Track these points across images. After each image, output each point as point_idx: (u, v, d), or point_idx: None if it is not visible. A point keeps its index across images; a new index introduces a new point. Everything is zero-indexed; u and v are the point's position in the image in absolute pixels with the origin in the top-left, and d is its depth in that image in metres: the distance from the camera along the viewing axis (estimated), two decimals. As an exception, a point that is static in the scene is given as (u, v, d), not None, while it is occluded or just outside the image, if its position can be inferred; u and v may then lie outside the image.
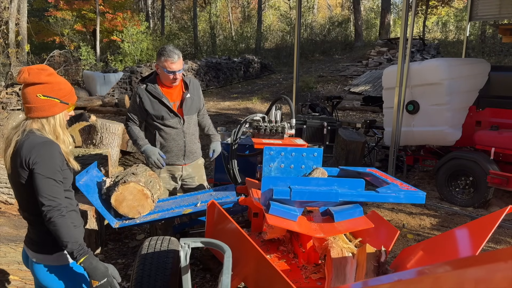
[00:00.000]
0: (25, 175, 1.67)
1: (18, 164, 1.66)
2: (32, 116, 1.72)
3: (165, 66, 2.84)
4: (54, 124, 1.75)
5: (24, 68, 1.74)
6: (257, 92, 14.28)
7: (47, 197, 1.64)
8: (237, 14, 30.52)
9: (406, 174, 5.94)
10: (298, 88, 6.90)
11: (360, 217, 2.17)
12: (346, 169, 2.87)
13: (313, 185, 2.13)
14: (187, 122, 3.04)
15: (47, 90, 1.72)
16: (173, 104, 2.99)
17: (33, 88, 1.71)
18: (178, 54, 2.88)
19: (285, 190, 2.00)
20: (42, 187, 1.64)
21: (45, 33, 20.17)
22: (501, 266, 0.77)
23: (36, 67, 1.75)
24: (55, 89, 1.74)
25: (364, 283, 1.57)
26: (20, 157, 1.65)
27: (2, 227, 2.84)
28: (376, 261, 1.88)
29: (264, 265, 1.67)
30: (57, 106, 1.74)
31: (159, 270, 2.14)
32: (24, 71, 1.72)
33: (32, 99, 1.70)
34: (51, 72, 1.76)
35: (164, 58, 2.84)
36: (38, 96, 1.70)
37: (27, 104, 1.72)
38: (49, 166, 1.66)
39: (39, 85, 1.71)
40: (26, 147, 1.66)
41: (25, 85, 1.73)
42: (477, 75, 5.10)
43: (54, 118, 1.75)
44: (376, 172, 2.71)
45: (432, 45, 15.47)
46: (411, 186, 2.29)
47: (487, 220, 1.78)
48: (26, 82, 1.72)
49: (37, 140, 1.68)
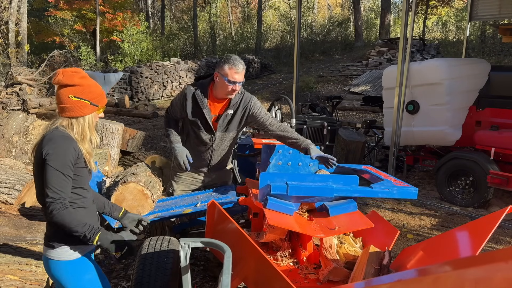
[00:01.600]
0: (41, 166, 1.74)
1: (38, 156, 1.75)
2: (63, 115, 1.82)
3: (227, 74, 2.63)
4: (83, 125, 1.84)
5: (59, 70, 1.85)
6: (257, 92, 14.28)
7: (52, 189, 1.70)
8: (237, 14, 30.51)
9: (406, 174, 5.94)
10: (298, 88, 6.89)
11: (355, 211, 2.22)
12: (342, 166, 2.91)
13: (309, 181, 2.20)
14: (218, 139, 2.85)
15: (78, 91, 1.82)
16: (213, 117, 2.81)
17: (66, 89, 1.81)
18: (243, 65, 2.69)
19: (282, 186, 2.08)
20: (49, 179, 1.70)
21: (45, 33, 20.18)
22: (501, 266, 0.77)
23: (70, 70, 1.84)
24: (85, 91, 1.83)
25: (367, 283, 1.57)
26: (40, 149, 1.74)
27: (2, 227, 2.84)
28: (378, 264, 1.88)
29: (264, 265, 1.67)
30: (87, 108, 1.84)
31: (159, 270, 2.14)
32: (59, 73, 1.82)
33: (65, 100, 1.80)
34: (83, 75, 1.86)
35: (228, 66, 2.64)
36: (70, 97, 1.80)
37: (60, 104, 1.82)
38: (60, 159, 1.72)
39: (72, 87, 1.81)
40: (45, 140, 1.75)
41: (59, 87, 1.83)
42: (477, 75, 5.10)
43: (83, 119, 1.84)
44: (370, 169, 2.77)
45: (432, 45, 15.46)
46: (404, 182, 2.37)
47: (487, 220, 1.78)
48: (60, 84, 1.82)
49: (57, 134, 1.77)
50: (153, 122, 10.56)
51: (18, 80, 12.11)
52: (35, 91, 12.16)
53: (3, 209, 3.12)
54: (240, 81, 2.66)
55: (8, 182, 3.43)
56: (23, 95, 11.46)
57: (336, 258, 2.12)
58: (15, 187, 3.44)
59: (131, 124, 10.03)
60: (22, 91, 11.60)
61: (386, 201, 5.08)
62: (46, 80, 13.05)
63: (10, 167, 3.54)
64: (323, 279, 2.08)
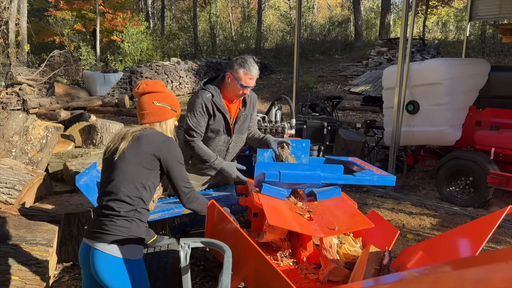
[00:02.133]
0: (148, 162, 1.86)
1: (144, 152, 1.86)
2: (146, 121, 1.96)
3: (241, 78, 2.63)
4: (166, 129, 2.00)
5: (141, 81, 2.02)
6: (257, 92, 14.28)
7: (186, 181, 1.98)
8: (237, 14, 30.50)
9: (406, 174, 5.94)
10: (298, 88, 6.89)
11: (340, 197, 2.46)
12: (331, 158, 3.22)
13: (299, 169, 2.44)
14: (234, 142, 2.88)
15: (160, 97, 1.98)
16: (230, 119, 2.82)
17: (149, 96, 1.97)
18: (257, 70, 2.71)
19: (275, 174, 2.31)
20: (181, 173, 1.95)
21: (45, 33, 20.18)
22: (501, 266, 0.77)
23: (151, 80, 2.03)
24: (167, 97, 2.00)
25: (367, 283, 1.57)
26: (147, 146, 1.86)
27: (2, 227, 2.84)
28: (378, 264, 1.88)
29: (264, 265, 1.67)
30: (168, 112, 2.00)
31: (159, 270, 2.14)
32: (142, 83, 1.99)
33: (149, 106, 1.96)
34: (163, 84, 2.04)
35: (243, 70, 2.63)
36: (154, 103, 1.96)
37: (143, 111, 1.96)
38: (181, 155, 1.96)
39: (155, 93, 1.98)
40: (154, 139, 1.89)
41: (142, 94, 1.98)
42: (477, 75, 5.10)
43: (165, 123, 2.00)
44: (356, 161, 2.98)
45: (432, 45, 15.46)
46: (385, 172, 2.58)
47: (487, 220, 1.78)
48: (144, 91, 1.97)
49: (163, 136, 1.93)
50: (153, 122, 10.56)
51: (18, 80, 12.11)
52: (35, 91, 12.16)
53: (3, 209, 3.11)
54: (253, 86, 2.72)
55: (8, 182, 3.43)
56: (23, 95, 11.46)
57: (336, 258, 2.12)
58: (15, 187, 3.44)
59: (131, 124, 10.02)
60: (22, 91, 11.60)
61: (386, 201, 5.08)
62: (46, 80, 13.05)
63: (10, 167, 3.54)
64: (323, 279, 2.08)
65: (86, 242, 1.85)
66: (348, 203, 2.39)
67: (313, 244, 2.37)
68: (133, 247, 1.84)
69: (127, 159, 1.85)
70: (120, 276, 1.78)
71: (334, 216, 2.23)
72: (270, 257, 2.36)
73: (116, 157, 1.85)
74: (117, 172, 1.86)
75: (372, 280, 1.60)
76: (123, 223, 1.82)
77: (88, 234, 1.86)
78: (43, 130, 4.08)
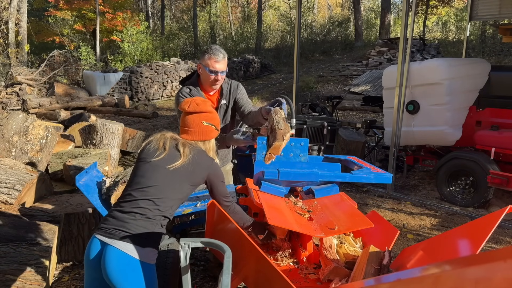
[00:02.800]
0: (195, 182, 2.00)
1: (195, 174, 1.97)
2: (191, 138, 2.03)
3: (208, 64, 2.65)
4: (209, 148, 2.08)
5: (191, 99, 2.08)
6: (257, 92, 14.28)
7: (228, 195, 2.12)
8: (237, 14, 30.51)
9: (406, 174, 5.94)
10: (298, 88, 6.89)
11: (339, 196, 2.48)
12: (330, 157, 3.24)
13: (298, 167, 2.47)
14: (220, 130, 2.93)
15: (209, 118, 2.06)
16: None
17: (199, 115, 2.04)
18: (223, 53, 2.70)
19: (274, 172, 2.35)
20: (224, 189, 2.10)
21: (45, 33, 20.18)
22: (501, 266, 0.77)
23: (200, 99, 2.09)
24: (214, 118, 2.09)
25: (367, 283, 1.57)
26: (200, 169, 1.98)
27: (2, 227, 2.84)
28: (378, 264, 1.88)
29: (264, 265, 1.67)
30: (213, 132, 2.09)
31: (159, 270, 2.14)
32: (192, 102, 2.05)
33: (197, 125, 2.04)
34: (210, 104, 2.13)
35: (208, 55, 2.65)
36: (202, 123, 2.04)
37: (190, 128, 2.04)
38: (223, 176, 2.11)
39: (205, 114, 2.05)
40: (204, 163, 2.01)
41: (189, 113, 2.04)
42: (477, 75, 5.10)
43: (209, 142, 2.09)
44: (354, 159, 3.00)
45: (432, 45, 15.47)
46: (381, 170, 2.59)
47: (487, 220, 1.78)
48: (195, 111, 2.03)
49: (210, 159, 2.05)
50: (153, 122, 10.56)
51: (18, 80, 12.12)
52: (35, 91, 12.16)
53: (3, 209, 3.11)
54: (222, 70, 2.68)
55: (8, 182, 3.43)
56: (23, 95, 11.46)
57: (336, 258, 2.12)
58: (15, 187, 3.44)
59: (131, 124, 10.03)
60: (22, 91, 11.60)
61: (386, 201, 5.08)
62: (46, 80, 13.06)
63: (10, 167, 3.54)
64: (324, 279, 2.08)
65: (101, 238, 1.79)
66: (348, 203, 2.39)
67: (313, 244, 2.37)
68: (151, 251, 1.84)
69: (178, 173, 1.92)
70: (133, 278, 1.76)
71: (334, 216, 2.23)
72: (270, 257, 2.36)
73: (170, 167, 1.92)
74: (162, 178, 1.90)
75: (372, 280, 1.60)
76: (147, 225, 1.82)
77: (104, 230, 1.80)
78: (43, 130, 4.08)
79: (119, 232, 1.77)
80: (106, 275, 1.75)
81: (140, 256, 1.78)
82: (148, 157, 1.96)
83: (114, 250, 1.75)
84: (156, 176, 1.90)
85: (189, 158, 1.94)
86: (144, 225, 1.81)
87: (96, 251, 1.80)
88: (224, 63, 2.69)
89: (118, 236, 1.76)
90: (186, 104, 2.05)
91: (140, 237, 1.79)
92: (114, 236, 1.77)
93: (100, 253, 1.79)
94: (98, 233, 1.81)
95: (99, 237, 1.80)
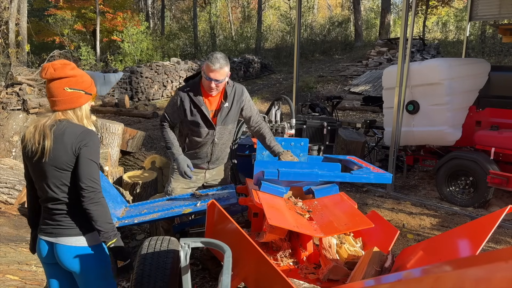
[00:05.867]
0: (69, 160, 1.77)
1: (63, 151, 1.76)
2: (59, 109, 1.82)
3: (205, 70, 2.75)
4: (81, 115, 1.87)
5: (47, 64, 1.82)
6: (257, 92, 14.28)
7: (92, 180, 1.77)
8: (237, 14, 30.50)
9: (406, 174, 5.94)
10: (298, 88, 6.89)
11: (339, 196, 2.48)
12: (330, 157, 3.26)
13: (298, 168, 2.48)
14: (219, 133, 2.94)
15: (72, 83, 1.82)
16: (211, 112, 2.90)
17: (59, 82, 1.80)
18: (221, 63, 2.70)
19: (274, 172, 2.35)
20: (88, 170, 1.77)
21: (45, 33, 20.16)
22: (501, 266, 0.77)
23: (59, 62, 1.83)
24: (79, 81, 1.84)
25: (367, 283, 1.57)
26: (65, 144, 1.76)
27: (2, 227, 2.84)
28: (380, 265, 1.88)
29: (264, 265, 1.67)
30: (82, 97, 1.86)
31: (159, 270, 2.14)
32: (49, 67, 1.80)
33: (60, 93, 1.80)
34: (73, 66, 1.86)
35: (206, 63, 2.73)
36: (65, 90, 1.81)
37: (54, 98, 1.81)
38: (96, 151, 1.82)
39: (65, 79, 1.81)
40: (71, 134, 1.77)
41: (50, 80, 1.81)
42: (477, 75, 5.10)
43: (80, 109, 1.86)
44: (354, 159, 3.01)
45: (432, 45, 15.46)
46: (381, 170, 2.61)
47: (487, 220, 1.78)
48: (52, 77, 1.80)
49: (80, 128, 1.81)
50: (153, 122, 10.56)
51: (18, 80, 12.11)
52: (35, 91, 12.15)
53: (3, 209, 3.12)
54: (217, 79, 2.73)
55: (8, 182, 3.43)
56: (23, 95, 11.46)
57: (336, 258, 2.12)
58: (15, 187, 3.44)
59: (131, 124, 10.03)
60: (22, 91, 11.60)
61: (386, 201, 5.08)
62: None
63: (10, 167, 3.54)
64: (323, 278, 2.08)
65: (47, 239, 1.86)
66: (348, 203, 2.39)
67: (313, 244, 2.37)
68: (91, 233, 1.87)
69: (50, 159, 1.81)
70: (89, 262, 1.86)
71: (334, 216, 2.24)
72: (270, 257, 2.36)
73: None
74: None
75: (372, 280, 1.60)
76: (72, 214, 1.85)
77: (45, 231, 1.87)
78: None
79: (57, 230, 1.84)
80: (66, 267, 1.86)
81: (87, 242, 1.85)
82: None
83: (62, 247, 1.83)
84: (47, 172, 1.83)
85: (54, 135, 1.77)
86: (81, 217, 1.84)
87: (46, 251, 1.88)
88: (219, 73, 2.73)
89: (59, 234, 1.84)
90: (43, 71, 1.81)
91: (74, 227, 1.84)
92: (56, 235, 1.84)
93: (50, 251, 1.87)
94: (42, 235, 1.89)
95: (44, 238, 1.87)
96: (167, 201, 2.97)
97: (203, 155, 3.00)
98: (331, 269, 2.04)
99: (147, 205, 2.97)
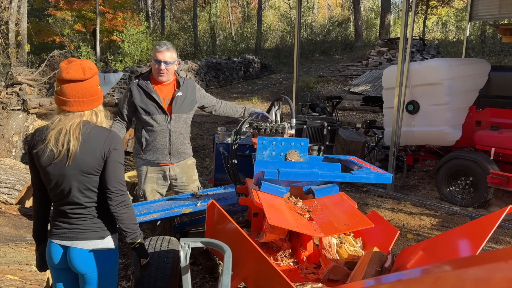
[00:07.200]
0: (98, 165, 1.74)
1: (91, 155, 1.72)
2: (89, 108, 1.77)
3: (153, 55, 2.91)
4: (103, 114, 1.87)
5: (72, 65, 1.72)
6: (257, 92, 14.28)
7: (121, 182, 1.76)
8: (237, 14, 30.51)
9: (406, 174, 5.94)
10: (298, 88, 6.89)
11: (339, 196, 2.49)
12: (330, 157, 3.26)
13: (298, 167, 2.49)
14: (174, 120, 3.00)
15: (98, 80, 1.82)
16: (163, 100, 2.99)
17: (93, 80, 1.77)
18: (167, 45, 2.91)
19: (274, 172, 2.34)
20: (118, 173, 1.76)
21: (45, 33, 20.15)
22: (501, 266, 0.77)
23: (80, 62, 1.75)
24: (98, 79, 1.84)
25: (367, 283, 1.57)
26: (93, 148, 1.72)
27: (2, 227, 2.84)
28: (380, 266, 1.88)
29: (264, 265, 1.67)
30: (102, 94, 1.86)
31: (159, 270, 2.14)
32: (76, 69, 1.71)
33: (95, 91, 1.78)
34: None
35: (154, 48, 2.95)
36: (98, 87, 1.81)
37: (87, 98, 1.75)
38: (123, 153, 1.81)
39: (95, 78, 1.79)
40: (97, 138, 1.73)
41: (80, 80, 1.72)
42: (477, 75, 5.10)
43: (101, 106, 1.87)
44: (354, 159, 3.01)
45: (432, 45, 15.46)
46: (381, 170, 2.60)
47: (487, 220, 1.78)
48: (86, 77, 1.73)
49: (105, 132, 1.78)
50: (153, 122, 10.56)
51: (18, 80, 12.11)
52: (35, 91, 12.15)
53: (3, 209, 3.12)
54: (165, 60, 2.86)
55: (8, 182, 3.43)
56: (23, 95, 11.46)
57: (336, 258, 2.12)
58: (15, 187, 3.44)
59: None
60: (22, 91, 11.60)
61: (386, 201, 5.08)
62: (46, 80, 13.05)
63: (10, 167, 3.54)
64: (323, 278, 2.08)
65: (60, 243, 1.81)
66: (348, 203, 2.39)
67: (313, 244, 2.37)
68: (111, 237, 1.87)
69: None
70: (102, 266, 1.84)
71: (334, 216, 2.23)
72: (270, 257, 2.36)
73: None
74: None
75: (372, 280, 1.60)
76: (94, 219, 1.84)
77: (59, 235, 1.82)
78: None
79: (74, 234, 1.79)
80: (78, 271, 1.81)
81: (104, 246, 1.83)
82: None
83: (78, 250, 1.79)
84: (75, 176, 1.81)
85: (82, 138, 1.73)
86: (92, 220, 1.81)
87: (59, 255, 1.82)
88: (167, 55, 2.87)
89: (76, 238, 1.79)
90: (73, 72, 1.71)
91: (93, 230, 1.81)
92: (72, 238, 1.79)
93: (64, 256, 1.82)
94: (56, 239, 1.82)
95: (58, 242, 1.81)
96: (167, 201, 2.97)
97: (161, 146, 3.02)
98: (331, 269, 2.04)
99: (147, 205, 2.97)
